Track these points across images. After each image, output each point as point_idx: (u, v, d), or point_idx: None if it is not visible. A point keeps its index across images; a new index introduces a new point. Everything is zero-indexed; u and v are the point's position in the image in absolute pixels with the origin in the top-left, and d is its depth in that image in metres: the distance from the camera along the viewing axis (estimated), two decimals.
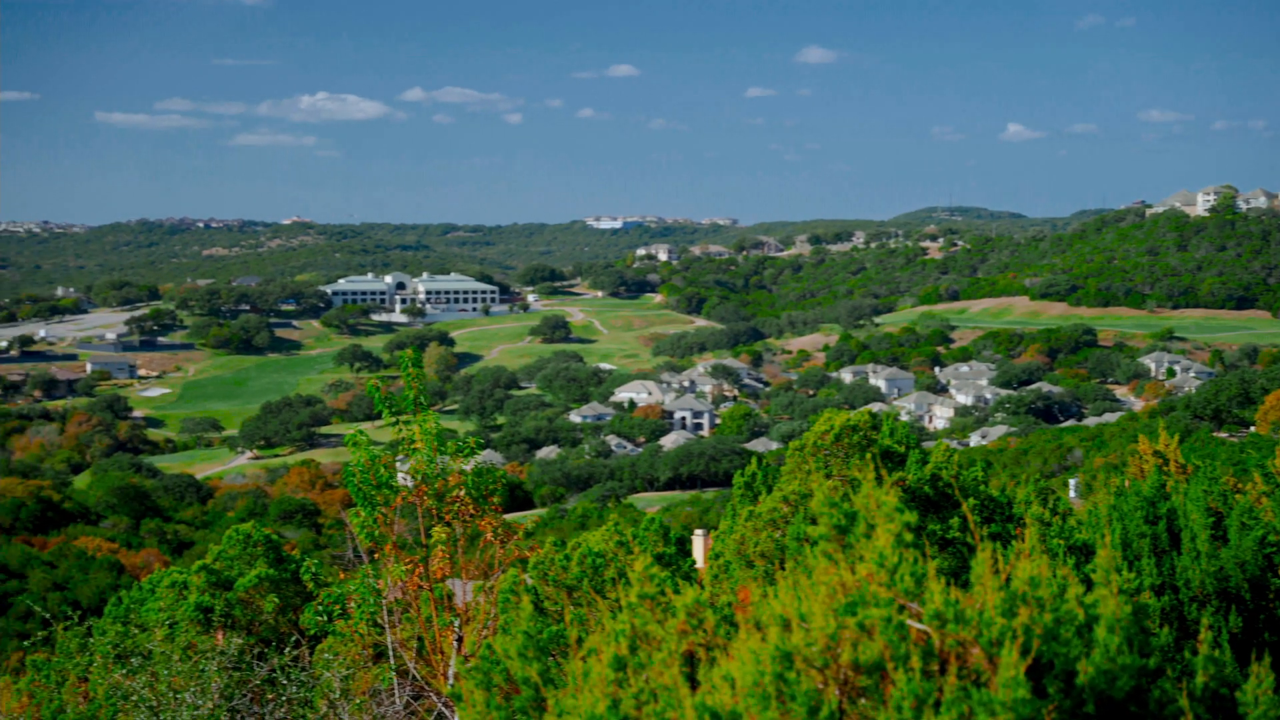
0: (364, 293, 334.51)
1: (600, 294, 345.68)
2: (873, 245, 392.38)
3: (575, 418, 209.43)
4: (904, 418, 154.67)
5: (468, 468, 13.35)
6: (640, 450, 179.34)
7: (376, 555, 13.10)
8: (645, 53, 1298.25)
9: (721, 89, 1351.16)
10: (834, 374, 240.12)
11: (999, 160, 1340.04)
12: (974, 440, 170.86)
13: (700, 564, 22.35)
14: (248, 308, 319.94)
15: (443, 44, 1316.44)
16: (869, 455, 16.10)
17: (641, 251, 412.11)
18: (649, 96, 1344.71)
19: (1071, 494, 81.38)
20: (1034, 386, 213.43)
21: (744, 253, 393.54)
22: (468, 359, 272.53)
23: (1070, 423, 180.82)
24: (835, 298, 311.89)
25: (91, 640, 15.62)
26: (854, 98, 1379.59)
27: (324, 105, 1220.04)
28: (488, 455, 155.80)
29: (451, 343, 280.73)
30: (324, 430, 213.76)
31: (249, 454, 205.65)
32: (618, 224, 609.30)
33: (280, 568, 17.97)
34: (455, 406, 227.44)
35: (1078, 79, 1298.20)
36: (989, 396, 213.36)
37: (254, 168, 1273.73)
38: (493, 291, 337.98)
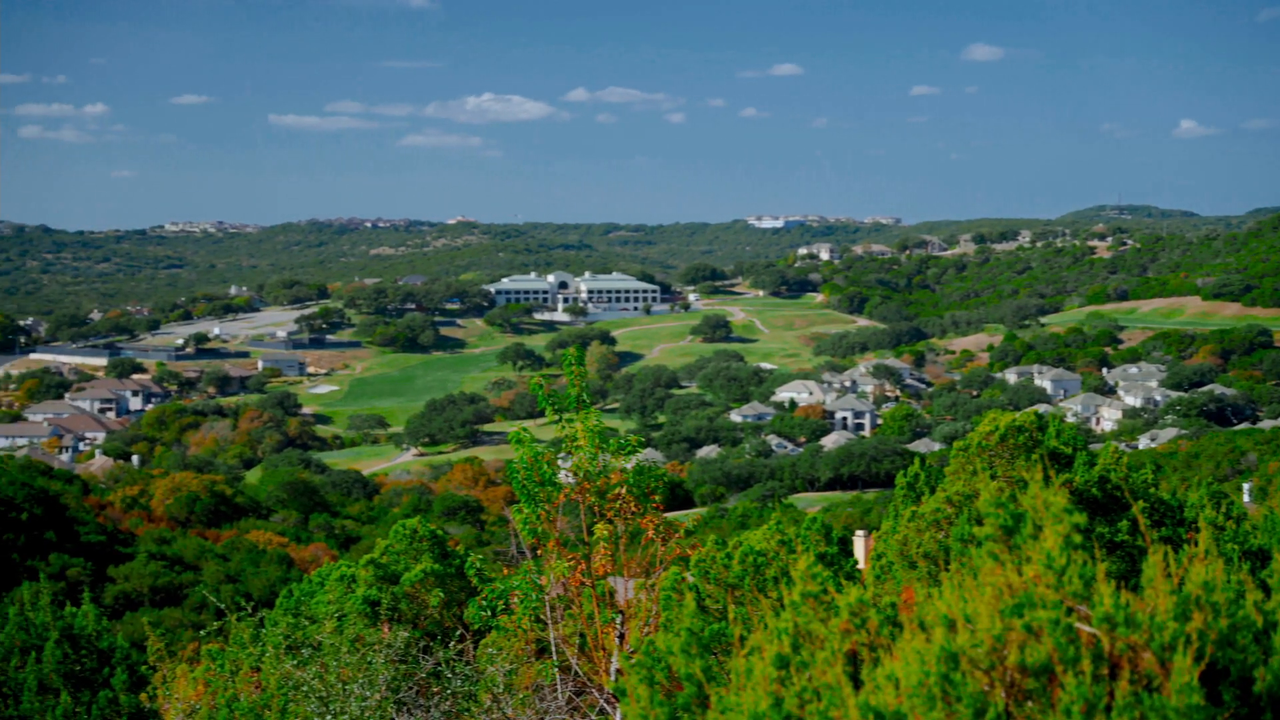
0: (527, 292, 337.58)
1: (761, 293, 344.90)
2: (1039, 244, 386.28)
3: (736, 417, 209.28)
4: (1070, 419, 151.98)
5: (629, 465, 13.41)
6: (801, 450, 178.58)
7: (539, 551, 13.22)
8: (809, 51, 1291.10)
9: (886, 87, 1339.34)
10: (998, 375, 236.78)
11: (1171, 157, 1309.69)
12: (1143, 443, 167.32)
13: (862, 564, 22.20)
14: (413, 306, 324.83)
15: (607, 45, 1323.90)
16: (1035, 456, 15.87)
17: (803, 251, 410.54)
18: (812, 95, 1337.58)
19: (1246, 498, 79.36)
20: (1206, 389, 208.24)
21: (907, 252, 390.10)
22: (629, 358, 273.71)
23: (1244, 426, 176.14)
24: (1000, 297, 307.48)
25: (263, 631, 15.97)
26: (1021, 95, 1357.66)
27: (489, 106, 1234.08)
28: (649, 454, 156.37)
29: (613, 342, 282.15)
30: (487, 428, 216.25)
31: (414, 451, 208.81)
32: (779, 223, 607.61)
33: (445, 563, 18.24)
34: (616, 405, 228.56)
35: (1256, 73, 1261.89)
36: (1159, 398, 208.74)
37: (421, 168, 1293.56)
38: (654, 291, 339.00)
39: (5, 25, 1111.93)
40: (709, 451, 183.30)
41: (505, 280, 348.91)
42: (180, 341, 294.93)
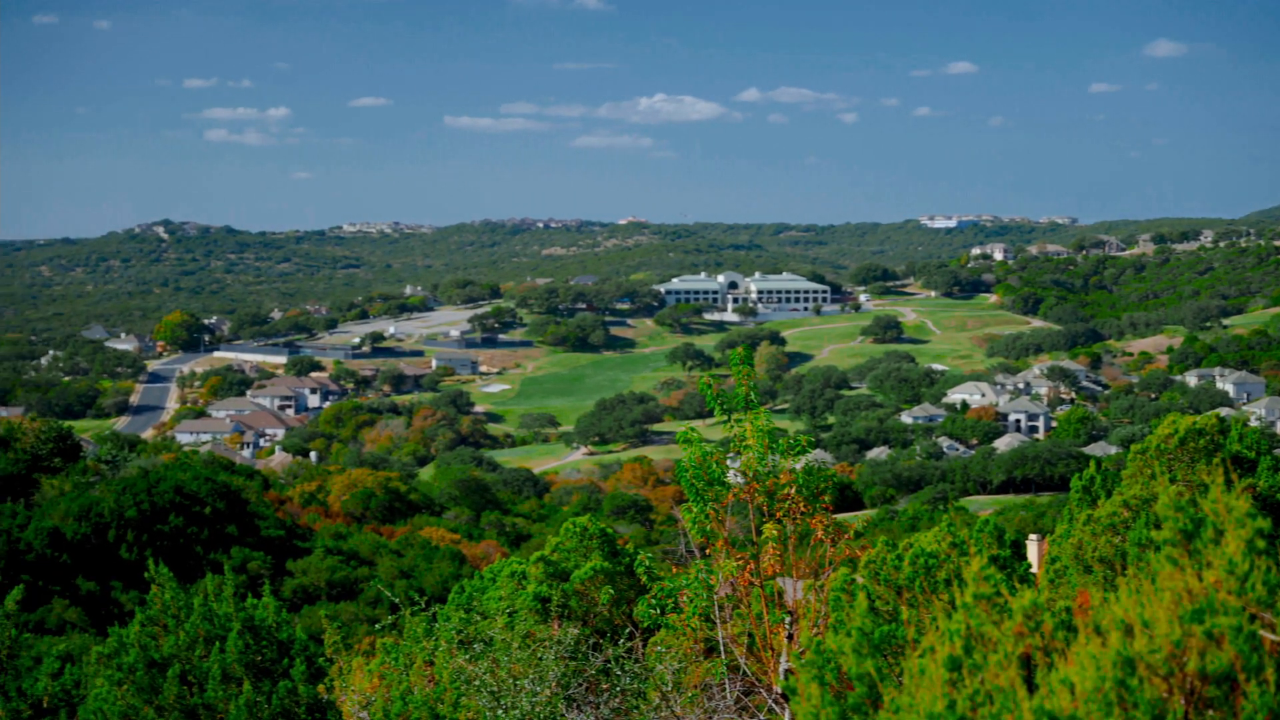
0: (696, 292, 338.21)
1: (933, 294, 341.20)
2: (1222, 244, 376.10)
3: (906, 419, 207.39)
4: (1254, 423, 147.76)
5: (798, 466, 13.36)
6: (973, 452, 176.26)
7: (708, 551, 13.23)
8: (985, 49, 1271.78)
9: (1064, 85, 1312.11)
10: (1177, 377, 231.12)
11: None
12: None
13: (1035, 568, 21.86)
14: (584, 306, 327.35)
15: (779, 45, 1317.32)
16: (1217, 460, 15.48)
17: (976, 251, 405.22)
18: (988, 93, 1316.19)
19: None
20: None
21: (1083, 252, 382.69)
22: (798, 358, 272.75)
23: None
24: (1180, 298, 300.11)
25: (436, 626, 16.22)
26: (1203, 91, 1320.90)
27: (661, 107, 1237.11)
28: (818, 455, 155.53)
29: (782, 342, 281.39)
30: (656, 428, 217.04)
31: (584, 450, 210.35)
32: (952, 223, 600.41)
33: (615, 561, 18.35)
34: (785, 406, 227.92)
35: None
36: None
37: (592, 169, 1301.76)
38: (824, 291, 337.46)
39: (194, 32, 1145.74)
40: (879, 453, 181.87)
41: (675, 280, 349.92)
42: (357, 340, 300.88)
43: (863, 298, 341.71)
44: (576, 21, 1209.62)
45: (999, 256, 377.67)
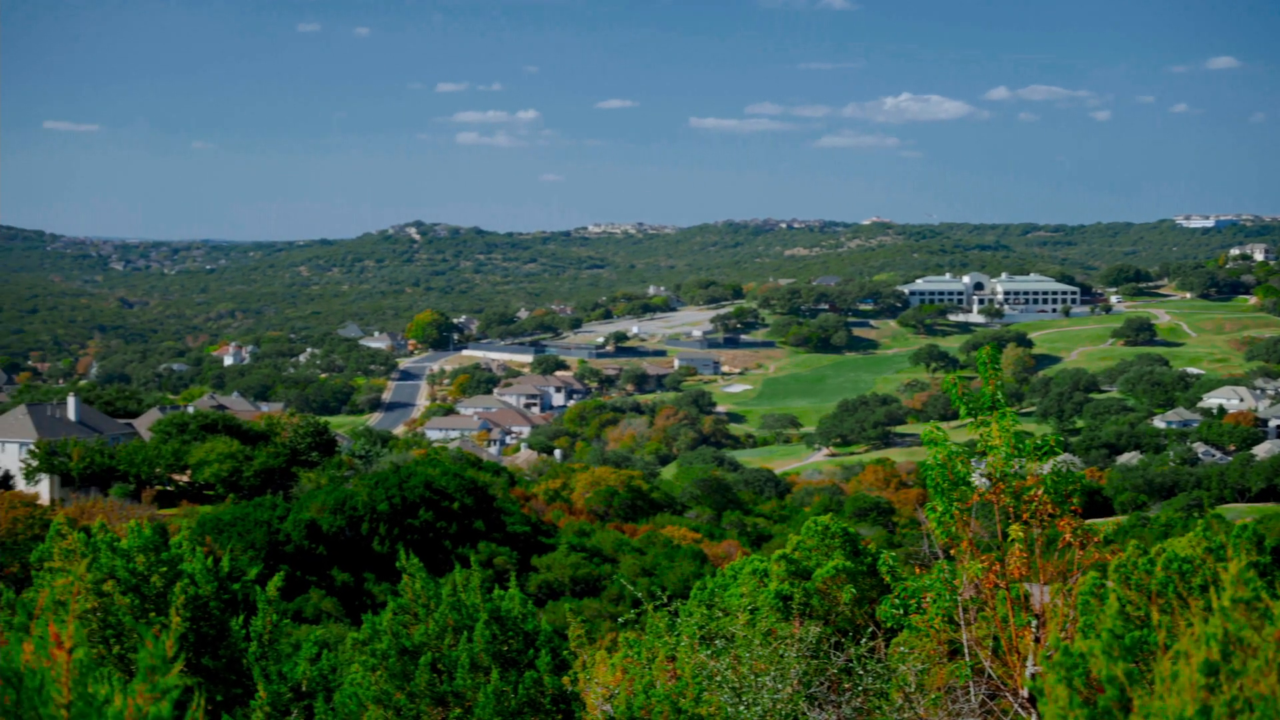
0: (941, 293, 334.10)
1: (1188, 295, 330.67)
2: None
3: (1159, 423, 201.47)
4: None
5: (1046, 469, 13.09)
6: (1230, 459, 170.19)
7: (952, 552, 13.06)
8: (1248, 43, 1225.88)
9: None
10: None
11: None
12: None
13: None
14: (826, 307, 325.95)
15: (1029, 42, 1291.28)
16: None
17: (1235, 251, 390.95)
18: (1249, 89, 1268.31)
19: None
20: None
21: None
22: (1046, 360, 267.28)
23: None
24: None
25: (678, 622, 16.33)
26: None
27: (907, 106, 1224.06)
28: (1066, 458, 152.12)
29: (1029, 344, 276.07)
30: (899, 429, 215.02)
31: (825, 451, 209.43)
32: (1209, 223, 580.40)
33: (857, 560, 18.25)
34: (1033, 409, 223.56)
35: None
36: None
37: (836, 169, 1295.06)
38: (1073, 292, 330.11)
39: (447, 37, 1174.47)
40: (1130, 458, 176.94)
41: (919, 281, 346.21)
42: (601, 340, 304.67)
43: (1114, 299, 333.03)
44: (823, 21, 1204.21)
45: (1259, 257, 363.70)
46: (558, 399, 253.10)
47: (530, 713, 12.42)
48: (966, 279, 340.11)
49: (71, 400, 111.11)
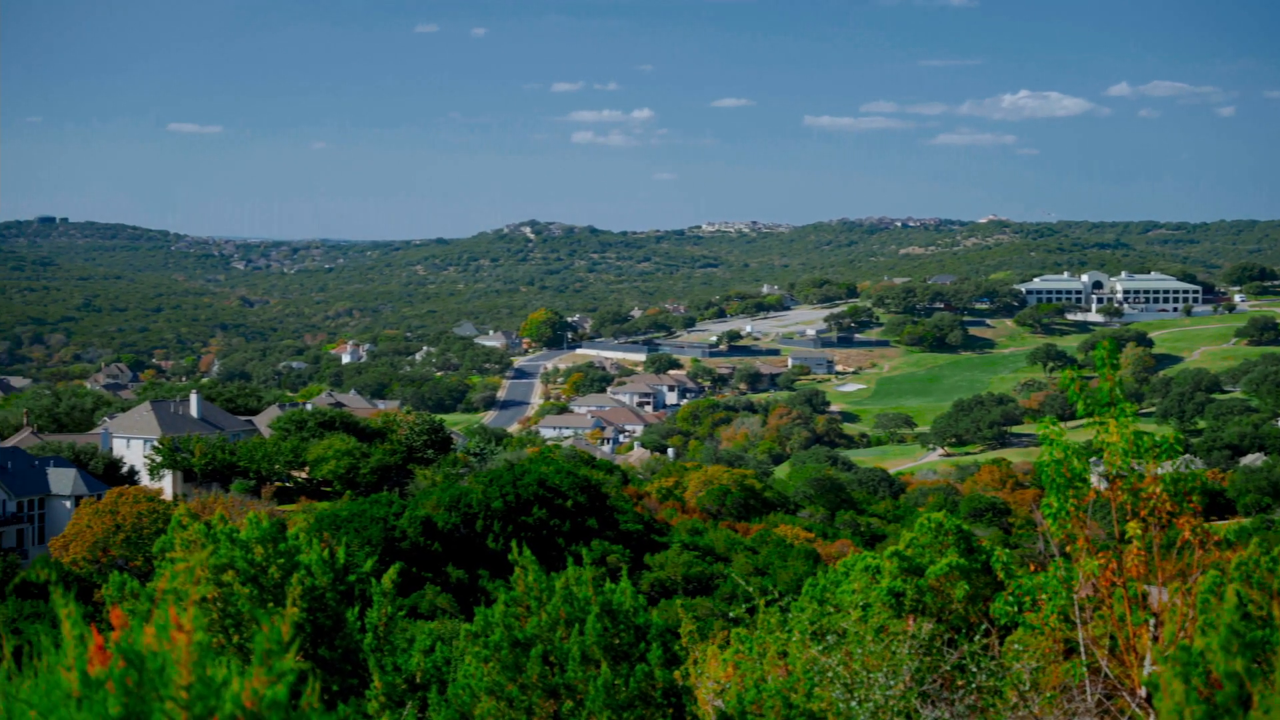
0: (1059, 292, 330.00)
1: None
2: None
3: None
4: None
5: (1165, 467, 12.88)
6: None
7: (1068, 549, 12.89)
8: None
9: None
10: None
11: None
12: None
13: None
14: (942, 306, 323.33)
15: (1152, 38, 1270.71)
16: None
17: None
18: None
19: None
20: None
21: None
22: (1166, 360, 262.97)
23: None
24: None
25: (790, 617, 16.28)
26: None
27: (1025, 103, 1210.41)
28: (1186, 459, 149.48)
29: (1149, 343, 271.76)
30: (1015, 430, 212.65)
31: (940, 451, 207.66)
32: None
33: (971, 558, 18.05)
34: (1152, 409, 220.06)
35: None
36: None
37: (952, 167, 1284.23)
38: (1195, 291, 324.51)
39: (562, 36, 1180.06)
40: (1254, 459, 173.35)
41: (1037, 280, 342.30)
42: (714, 339, 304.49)
43: (1237, 298, 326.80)
44: (940, 18, 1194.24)
45: None
46: (671, 398, 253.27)
47: (640, 706, 12.45)
48: (1085, 278, 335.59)
49: (194, 397, 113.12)
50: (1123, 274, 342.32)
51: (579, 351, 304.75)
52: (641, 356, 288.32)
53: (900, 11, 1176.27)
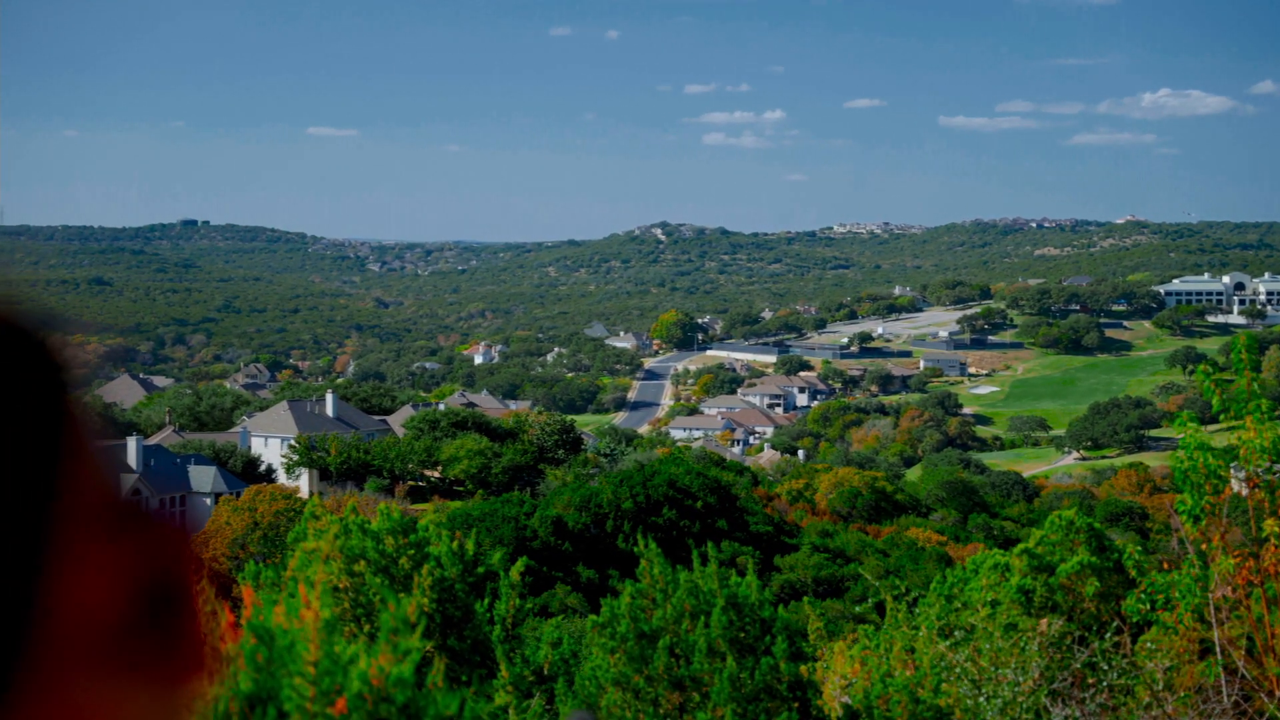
0: (1199, 293, 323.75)
1: None
2: None
3: None
4: None
5: None
6: None
7: (1204, 547, 12.67)
8: None
9: None
10: None
11: None
12: None
13: None
14: (1077, 307, 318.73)
15: None
16: None
17: None
18: None
19: None
20: None
21: None
22: None
23: None
24: None
25: (917, 614, 16.19)
26: None
27: (1166, 102, 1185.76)
28: None
29: None
30: (1153, 433, 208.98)
31: (1075, 454, 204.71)
32: None
33: (1102, 556, 17.82)
34: None
35: None
36: None
37: (1089, 167, 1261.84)
38: None
39: (695, 38, 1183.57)
40: None
41: (1175, 281, 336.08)
42: (845, 340, 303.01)
43: None
44: (1078, 16, 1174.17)
45: None
46: (801, 399, 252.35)
47: (766, 698, 12.44)
48: (1226, 279, 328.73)
49: (330, 397, 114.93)
50: (1266, 275, 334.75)
51: (709, 353, 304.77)
52: (772, 358, 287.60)
53: (1038, 11, 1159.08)
